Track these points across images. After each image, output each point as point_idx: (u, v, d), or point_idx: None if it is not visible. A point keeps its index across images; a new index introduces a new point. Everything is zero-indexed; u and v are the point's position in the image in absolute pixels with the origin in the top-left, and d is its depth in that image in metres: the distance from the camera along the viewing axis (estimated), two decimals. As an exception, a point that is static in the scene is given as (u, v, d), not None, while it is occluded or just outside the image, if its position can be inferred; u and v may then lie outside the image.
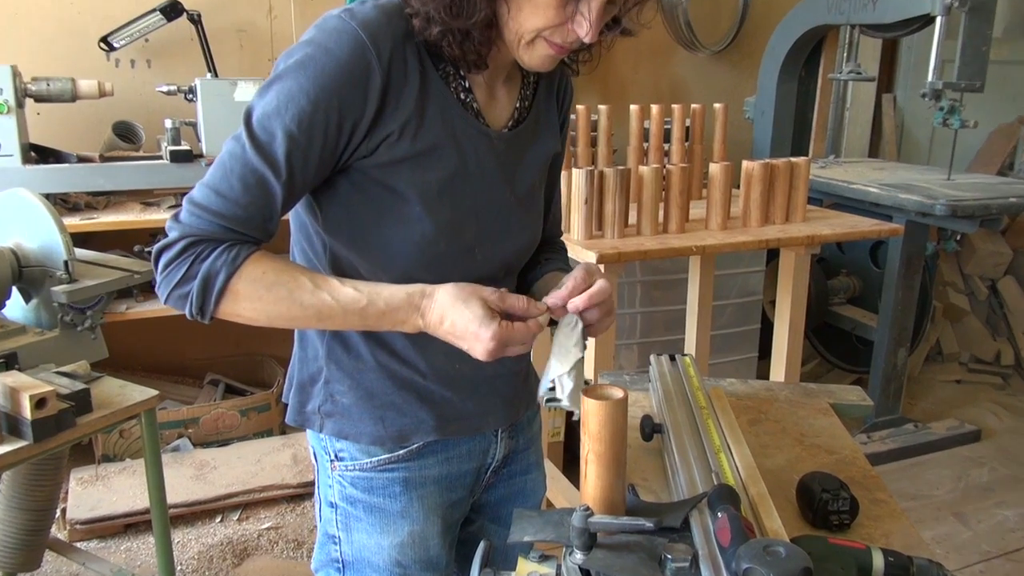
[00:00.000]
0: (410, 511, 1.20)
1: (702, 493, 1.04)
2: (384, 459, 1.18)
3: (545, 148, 1.22)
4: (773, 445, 1.37)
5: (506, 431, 1.28)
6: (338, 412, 1.16)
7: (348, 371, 1.15)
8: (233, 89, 2.73)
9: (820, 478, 1.15)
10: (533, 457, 1.36)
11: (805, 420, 1.47)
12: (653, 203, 2.30)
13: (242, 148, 1.00)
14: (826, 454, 1.35)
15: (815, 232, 2.40)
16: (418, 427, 1.16)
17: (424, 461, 1.20)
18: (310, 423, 1.18)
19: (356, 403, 1.15)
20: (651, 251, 2.18)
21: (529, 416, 1.34)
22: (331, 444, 1.19)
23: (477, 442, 1.24)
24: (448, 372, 1.16)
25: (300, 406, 1.19)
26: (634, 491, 1.12)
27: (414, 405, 1.16)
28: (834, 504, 1.11)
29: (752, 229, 2.44)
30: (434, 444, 1.19)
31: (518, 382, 1.27)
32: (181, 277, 0.99)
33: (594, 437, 0.97)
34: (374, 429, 1.15)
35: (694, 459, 1.16)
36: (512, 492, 1.33)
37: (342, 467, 1.19)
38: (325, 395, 1.16)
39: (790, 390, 1.61)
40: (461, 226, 1.10)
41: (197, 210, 1.00)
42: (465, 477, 1.25)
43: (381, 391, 1.15)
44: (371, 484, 1.19)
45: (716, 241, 2.28)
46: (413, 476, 1.19)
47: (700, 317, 2.82)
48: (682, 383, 1.43)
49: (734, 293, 3.31)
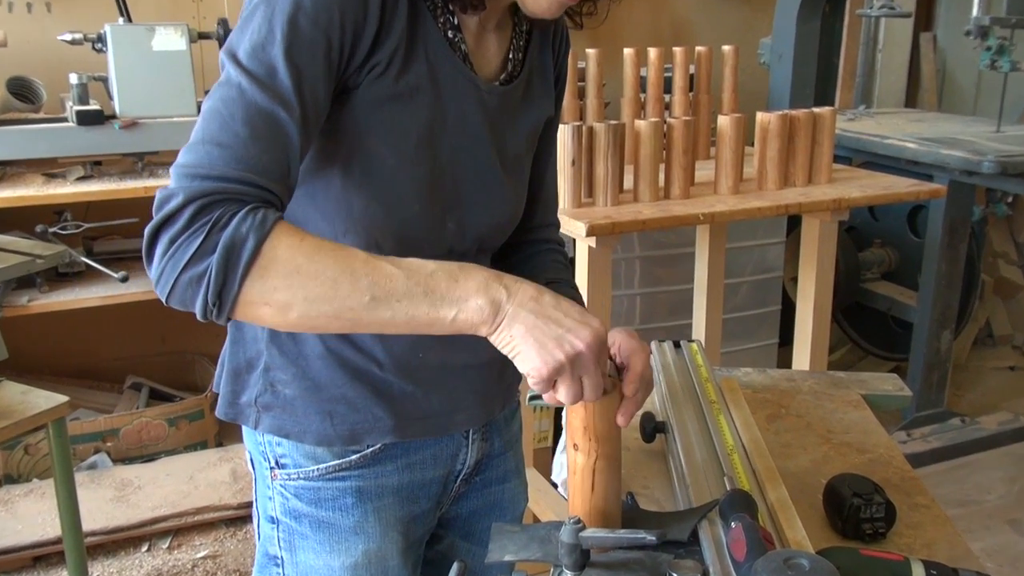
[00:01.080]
0: (365, 526, 1.20)
1: (713, 501, 1.04)
2: (334, 465, 1.17)
3: (538, 111, 1.23)
4: (796, 444, 1.38)
5: (479, 432, 1.28)
6: (278, 405, 1.16)
7: (292, 357, 1.15)
8: (151, 36, 2.70)
9: (850, 481, 1.16)
10: (512, 463, 1.36)
11: (833, 414, 1.48)
12: (652, 164, 2.30)
13: (237, 90, 0.94)
14: (857, 453, 1.36)
15: (843, 195, 2.41)
16: (373, 426, 1.16)
17: (381, 468, 1.19)
18: (244, 417, 1.18)
19: (300, 395, 1.15)
20: (651, 220, 2.18)
21: (507, 415, 1.35)
22: (271, 449, 1.19)
23: (444, 445, 1.24)
24: (410, 362, 1.16)
25: (233, 397, 1.19)
26: (633, 500, 1.12)
27: (369, 400, 1.15)
28: (867, 510, 1.12)
29: (769, 193, 2.44)
30: (393, 448, 1.19)
31: (493, 374, 1.27)
32: (194, 252, 0.89)
33: (583, 437, 0.97)
34: (320, 427, 1.15)
35: (703, 461, 1.17)
36: (487, 504, 1.34)
37: (284, 475, 1.19)
38: (263, 384, 1.16)
39: (815, 380, 1.62)
40: (436, 186, 1.10)
41: (199, 170, 0.91)
42: (430, 486, 1.25)
43: (330, 382, 1.15)
44: (319, 495, 1.18)
45: (727, 207, 2.28)
46: (368, 485, 1.19)
47: (710, 298, 2.83)
48: (689, 374, 1.44)
49: (749, 269, 3.32)
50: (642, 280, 3.14)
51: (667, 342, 1.56)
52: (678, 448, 1.21)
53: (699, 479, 1.13)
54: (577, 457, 0.98)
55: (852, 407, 1.51)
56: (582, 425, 0.96)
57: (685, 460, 1.17)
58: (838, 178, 2.61)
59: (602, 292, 2.25)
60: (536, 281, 1.28)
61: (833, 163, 2.59)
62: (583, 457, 0.97)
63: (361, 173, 1.06)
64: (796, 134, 2.48)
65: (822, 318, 2.59)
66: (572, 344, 0.93)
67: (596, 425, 0.96)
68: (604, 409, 0.96)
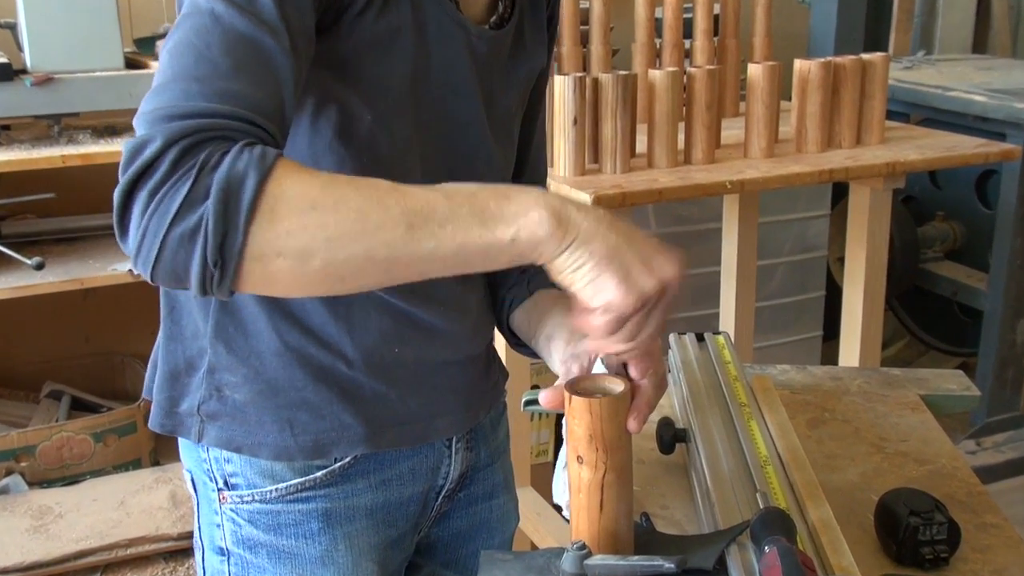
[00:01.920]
0: (334, 556, 1.20)
1: (743, 522, 1.05)
2: (295, 484, 1.18)
3: (530, 61, 1.23)
4: (842, 454, 1.39)
5: (463, 440, 1.29)
6: (226, 413, 1.16)
7: (242, 354, 1.15)
8: (67, -26, 2.69)
9: (907, 497, 1.16)
10: (500, 475, 1.37)
11: (887, 419, 1.48)
12: (669, 122, 2.30)
13: (211, 18, 0.91)
14: (916, 465, 1.36)
15: (898, 158, 2.41)
16: (341, 435, 1.16)
17: (351, 485, 1.20)
18: (184, 429, 1.18)
19: (253, 401, 1.15)
20: (668, 190, 2.18)
21: (492, 419, 1.35)
22: (218, 466, 1.19)
23: (424, 456, 1.25)
24: (383, 358, 1.17)
25: (170, 404, 1.18)
26: (648, 521, 1.13)
27: (335, 404, 1.16)
28: (927, 532, 1.12)
29: (810, 156, 2.44)
30: (364, 461, 1.20)
31: (477, 371, 1.28)
32: (183, 202, 0.83)
33: (588, 448, 0.97)
34: (278, 438, 1.15)
35: (731, 475, 1.17)
36: (473, 524, 1.34)
37: (235, 498, 1.19)
38: (208, 389, 1.16)
39: (866, 379, 1.62)
40: (417, 147, 1.11)
41: (176, 109, 0.86)
42: (408, 506, 1.25)
43: (289, 384, 1.15)
44: (278, 520, 1.18)
45: (759, 174, 2.28)
46: (337, 507, 1.19)
47: (739, 282, 2.83)
48: (715, 372, 1.44)
49: (787, 248, 3.33)
50: (659, 262, 3.14)
51: (689, 334, 1.56)
52: (702, 460, 1.21)
53: (727, 496, 1.13)
54: (582, 471, 0.98)
55: (910, 410, 1.51)
56: (587, 433, 0.97)
57: (710, 474, 1.18)
58: (892, 138, 2.61)
59: (611, 276, 2.25)
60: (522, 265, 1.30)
61: (886, 120, 2.59)
62: (589, 471, 0.98)
63: (333, 133, 1.06)
64: (842, 85, 2.48)
65: (874, 306, 2.60)
66: (663, 271, 0.92)
67: (604, 432, 0.97)
68: (613, 413, 0.97)
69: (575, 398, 0.97)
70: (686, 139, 2.36)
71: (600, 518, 0.99)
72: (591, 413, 0.96)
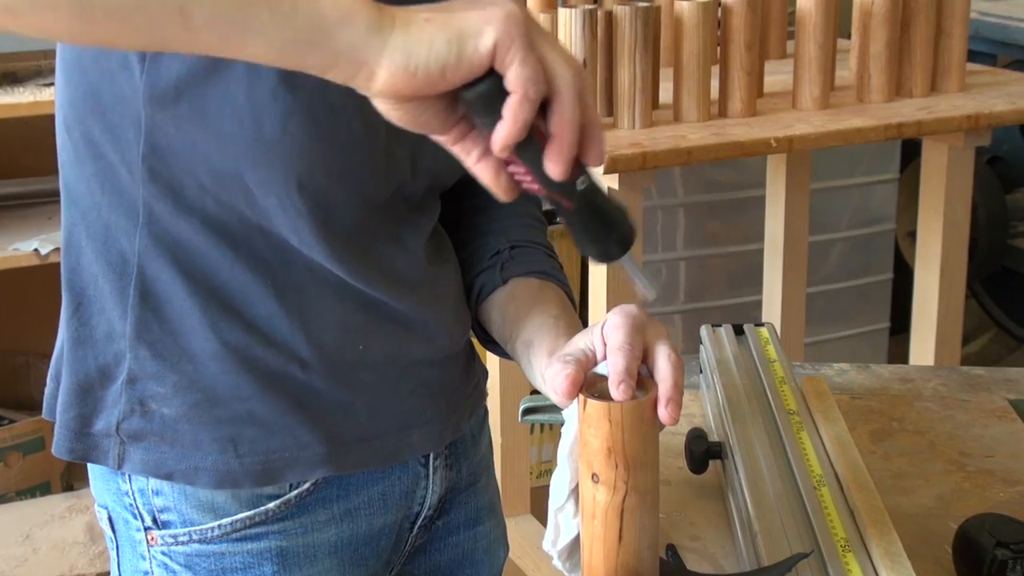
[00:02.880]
0: (291, 605, 1.21)
1: (796, 556, 1.05)
2: (243, 519, 1.18)
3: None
4: (914, 473, 1.39)
5: (441, 454, 1.29)
6: (153, 432, 1.15)
7: (171, 359, 1.14)
8: None
9: (993, 525, 1.16)
10: (484, 496, 1.38)
11: (969, 430, 1.49)
12: (701, 66, 2.30)
13: None
14: (1004, 485, 1.36)
15: (982, 109, 2.41)
16: (296, 456, 1.17)
17: (311, 518, 1.20)
18: (99, 455, 1.18)
19: (187, 415, 1.15)
20: (699, 149, 2.18)
21: (474, 429, 1.36)
22: (143, 499, 1.18)
23: (396, 478, 1.25)
24: (346, 358, 1.17)
25: (80, 424, 1.18)
26: (675, 555, 1.13)
27: (288, 418, 1.16)
28: (1017, 567, 1.12)
29: (874, 107, 2.44)
30: (326, 487, 1.20)
31: (457, 371, 1.28)
32: None
33: (606, 464, 0.97)
34: (220, 460, 1.15)
35: (777, 499, 1.17)
36: (454, 558, 1.35)
37: (168, 538, 1.19)
38: (129, 403, 1.16)
39: (943, 380, 1.62)
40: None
41: None
42: (379, 540, 1.26)
43: (231, 394, 1.15)
44: (222, 565, 1.19)
45: (811, 129, 2.28)
46: (294, 546, 1.20)
47: (787, 263, 2.83)
48: (757, 373, 1.44)
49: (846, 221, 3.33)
50: (688, 238, 3.15)
51: (725, 327, 1.56)
52: (741, 480, 1.21)
53: (772, 524, 1.13)
54: (597, 493, 0.98)
55: (997, 419, 1.51)
56: (605, 446, 0.96)
57: (751, 497, 1.18)
58: (975, 84, 2.61)
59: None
60: (495, 247, 1.29)
61: (968, 62, 2.59)
62: (606, 493, 0.98)
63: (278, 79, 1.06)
64: (913, 19, 2.48)
65: (952, 291, 2.60)
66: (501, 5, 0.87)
67: (626, 445, 0.96)
68: (637, 420, 0.96)
69: (590, 402, 0.96)
70: (721, 87, 2.36)
71: (619, 551, 0.99)
72: (611, 421, 0.96)
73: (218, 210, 1.10)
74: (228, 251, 1.11)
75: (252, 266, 1.12)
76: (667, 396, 0.99)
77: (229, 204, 1.10)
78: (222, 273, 1.12)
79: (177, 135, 1.09)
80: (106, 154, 1.13)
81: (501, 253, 1.30)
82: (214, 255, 1.11)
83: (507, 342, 1.24)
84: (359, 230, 1.14)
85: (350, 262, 1.13)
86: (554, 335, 1.15)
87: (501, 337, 1.26)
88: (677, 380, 1.00)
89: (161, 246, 1.11)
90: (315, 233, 1.10)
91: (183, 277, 1.12)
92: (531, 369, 1.17)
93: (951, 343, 2.63)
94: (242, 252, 1.12)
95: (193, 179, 1.10)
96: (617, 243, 0.97)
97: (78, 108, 1.13)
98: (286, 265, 1.13)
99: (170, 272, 1.12)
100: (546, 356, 1.13)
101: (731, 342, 1.52)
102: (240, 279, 1.12)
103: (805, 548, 1.06)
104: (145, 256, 1.12)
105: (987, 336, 4.13)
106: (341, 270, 1.13)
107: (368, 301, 1.17)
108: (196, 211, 1.10)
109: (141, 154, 1.10)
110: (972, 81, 2.61)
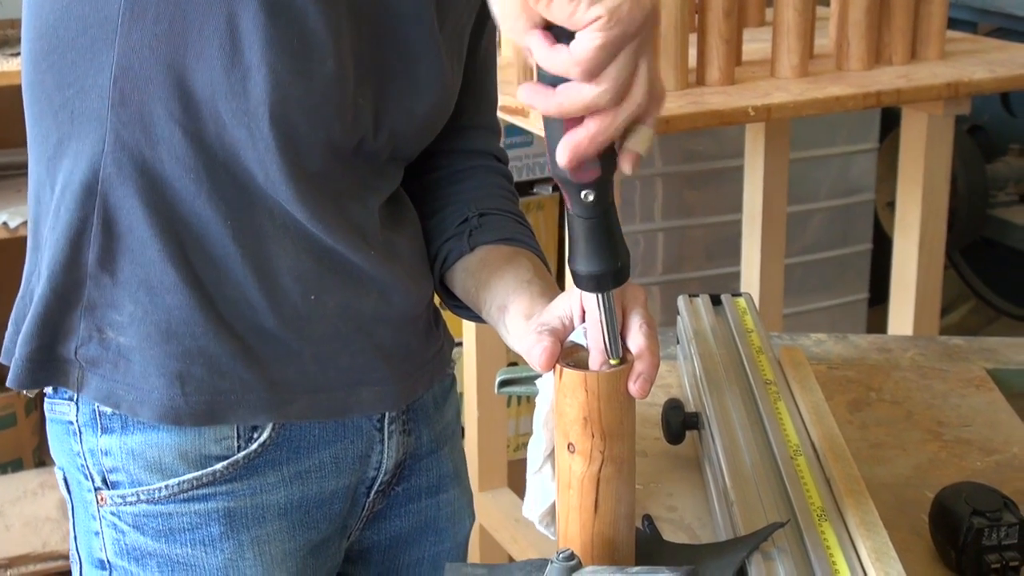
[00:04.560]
0: (240, 566, 1.21)
1: (772, 525, 1.05)
2: (190, 480, 1.19)
3: None
4: (891, 442, 1.39)
5: (398, 421, 1.30)
6: (108, 360, 1.17)
7: (130, 287, 1.15)
8: None
9: (970, 494, 1.16)
10: (448, 464, 1.38)
11: (946, 399, 1.49)
12: (677, 33, 2.29)
13: None
14: (981, 454, 1.37)
15: (962, 77, 2.41)
16: (240, 399, 1.18)
17: (260, 480, 1.21)
18: (61, 377, 1.19)
19: (140, 346, 1.16)
20: (677, 118, 2.18)
21: (437, 396, 1.37)
22: (93, 459, 1.20)
23: (350, 441, 1.26)
24: (298, 307, 1.18)
25: (42, 355, 1.19)
26: (651, 526, 1.13)
27: (236, 359, 1.17)
28: (993, 535, 1.13)
29: (853, 75, 2.44)
30: (275, 449, 1.21)
31: (415, 334, 1.29)
32: None
33: (582, 434, 0.97)
34: (166, 394, 1.16)
35: (754, 469, 1.17)
36: (415, 526, 1.36)
37: (116, 499, 1.20)
38: (88, 329, 1.17)
39: (921, 350, 1.63)
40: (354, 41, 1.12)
41: None
42: (332, 504, 1.26)
43: (184, 329, 1.16)
44: (170, 525, 1.19)
45: (790, 97, 2.28)
46: (242, 506, 1.20)
47: (766, 233, 2.83)
48: (734, 343, 1.44)
49: (825, 191, 3.33)
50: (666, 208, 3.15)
51: (702, 296, 1.56)
52: (718, 450, 1.21)
53: (748, 494, 1.13)
54: (573, 463, 0.98)
55: (974, 388, 1.52)
56: (581, 415, 0.96)
57: (728, 467, 1.18)
58: (955, 52, 2.61)
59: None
60: (463, 214, 1.30)
61: (948, 30, 2.58)
62: (582, 463, 0.98)
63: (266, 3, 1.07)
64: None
65: (931, 261, 2.61)
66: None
67: (603, 414, 0.96)
68: (613, 389, 0.96)
69: (567, 371, 0.96)
70: (699, 55, 2.36)
71: (594, 521, 0.99)
72: (587, 390, 0.96)
73: (186, 141, 1.11)
74: (192, 185, 1.12)
75: (214, 203, 1.13)
76: (637, 371, 0.99)
77: (198, 135, 1.11)
78: (184, 206, 1.13)
79: (152, 57, 1.09)
80: (76, 81, 1.12)
81: (469, 220, 1.30)
82: (177, 187, 1.12)
83: (480, 308, 1.24)
84: (323, 176, 1.15)
85: (312, 206, 1.14)
86: (528, 298, 1.16)
87: (474, 303, 1.26)
88: (651, 352, 1.00)
89: (126, 174, 1.12)
90: (281, 170, 1.11)
91: (145, 207, 1.12)
92: (507, 333, 1.18)
93: (930, 314, 2.63)
94: (205, 187, 1.12)
95: (164, 105, 1.10)
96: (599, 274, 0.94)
97: (48, 38, 1.13)
98: (247, 207, 1.14)
99: (133, 201, 1.12)
100: (523, 320, 1.14)
101: (708, 312, 1.52)
102: (201, 215, 1.13)
103: (781, 517, 1.07)
104: (108, 184, 1.12)
105: (966, 307, 4.14)
106: (302, 213, 1.14)
107: (325, 251, 1.17)
108: (164, 140, 1.11)
109: (112, 77, 1.10)
110: (952, 49, 2.60)
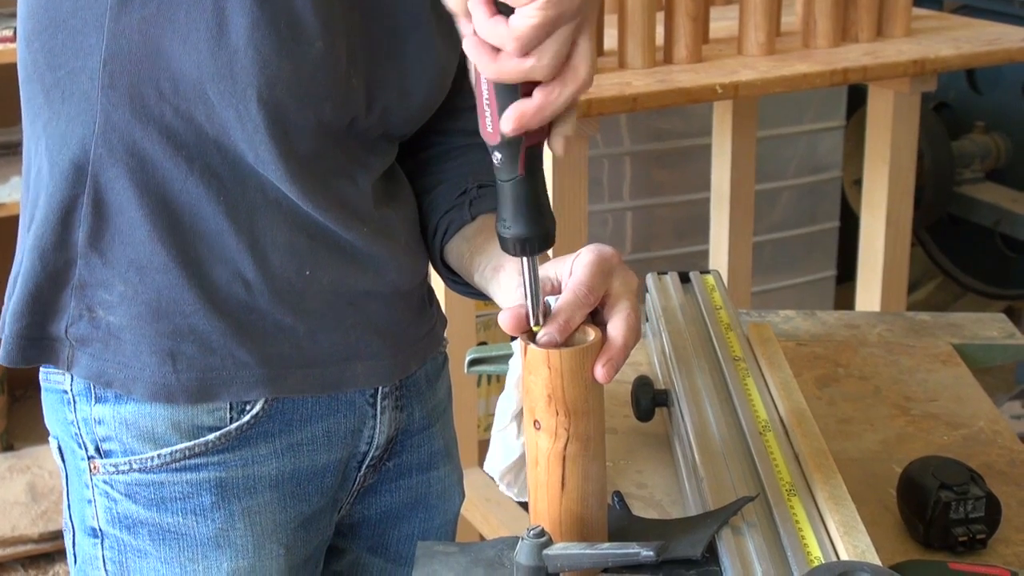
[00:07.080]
0: (231, 536, 1.21)
1: (741, 499, 1.06)
2: (182, 450, 1.19)
3: None
4: (859, 417, 1.40)
5: (390, 396, 1.30)
6: (98, 339, 1.17)
7: (119, 267, 1.15)
8: None
9: (937, 468, 1.17)
10: (439, 442, 1.38)
11: (913, 375, 1.50)
12: (645, 10, 2.29)
13: None
14: (947, 429, 1.38)
15: (928, 54, 2.42)
16: (234, 375, 1.18)
17: (252, 451, 1.21)
18: (52, 356, 1.19)
19: (130, 325, 1.16)
20: (644, 96, 2.18)
21: (429, 373, 1.37)
22: (87, 428, 1.20)
23: (342, 416, 1.26)
24: (291, 283, 1.18)
25: (33, 332, 1.19)
26: (621, 502, 1.14)
27: (229, 337, 1.17)
28: (960, 509, 1.14)
29: (819, 52, 2.44)
30: (267, 421, 1.21)
31: (408, 310, 1.29)
32: None
33: (547, 411, 0.98)
34: (158, 372, 1.16)
35: (723, 445, 1.18)
36: (406, 502, 1.36)
37: (109, 467, 1.20)
38: (78, 308, 1.17)
39: (888, 326, 1.64)
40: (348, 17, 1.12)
41: None
42: (323, 477, 1.27)
43: (174, 308, 1.16)
44: (161, 494, 1.19)
45: (757, 75, 2.28)
46: (234, 477, 1.21)
47: (734, 211, 2.83)
48: (703, 320, 1.44)
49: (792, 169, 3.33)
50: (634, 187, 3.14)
51: (671, 274, 1.56)
52: (687, 427, 1.22)
53: (718, 470, 1.14)
54: (539, 440, 0.99)
55: (941, 363, 1.53)
56: (545, 392, 0.97)
57: (697, 444, 1.18)
58: (921, 29, 2.61)
59: (575, 207, 2.25)
60: (461, 186, 1.29)
61: (914, 7, 2.59)
62: (547, 439, 0.98)
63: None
64: (859, -36, 2.48)
65: (898, 238, 2.62)
66: None
67: (566, 392, 0.97)
68: (578, 367, 0.97)
69: (531, 348, 0.96)
70: (666, 33, 2.35)
71: (562, 498, 1.00)
72: (550, 367, 0.96)
73: (176, 120, 1.11)
74: (183, 163, 1.12)
75: (206, 181, 1.13)
76: (607, 355, 0.99)
77: (188, 114, 1.11)
78: (175, 185, 1.13)
79: (140, 40, 1.09)
80: (66, 62, 1.12)
81: (468, 192, 1.30)
82: (168, 166, 1.12)
83: (474, 271, 1.23)
84: (314, 155, 1.15)
85: (303, 185, 1.14)
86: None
87: (467, 269, 1.26)
88: (626, 342, 1.00)
89: (116, 155, 1.12)
90: (271, 150, 1.11)
91: (136, 187, 1.12)
92: (500, 291, 1.17)
93: (897, 291, 2.65)
94: (196, 165, 1.12)
95: (153, 87, 1.10)
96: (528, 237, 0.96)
97: (39, 18, 1.13)
98: (239, 184, 1.14)
99: (123, 182, 1.12)
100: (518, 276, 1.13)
101: (677, 290, 1.52)
102: (192, 193, 1.13)
103: (750, 492, 1.08)
104: (99, 164, 1.12)
105: (933, 284, 4.16)
106: (294, 192, 1.14)
107: (317, 227, 1.17)
108: (154, 120, 1.11)
109: (102, 59, 1.10)
110: (918, 26, 2.61)
